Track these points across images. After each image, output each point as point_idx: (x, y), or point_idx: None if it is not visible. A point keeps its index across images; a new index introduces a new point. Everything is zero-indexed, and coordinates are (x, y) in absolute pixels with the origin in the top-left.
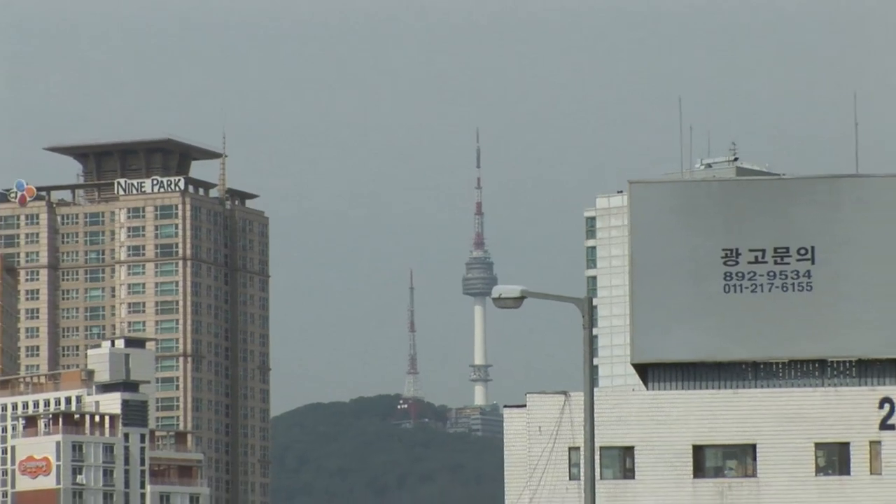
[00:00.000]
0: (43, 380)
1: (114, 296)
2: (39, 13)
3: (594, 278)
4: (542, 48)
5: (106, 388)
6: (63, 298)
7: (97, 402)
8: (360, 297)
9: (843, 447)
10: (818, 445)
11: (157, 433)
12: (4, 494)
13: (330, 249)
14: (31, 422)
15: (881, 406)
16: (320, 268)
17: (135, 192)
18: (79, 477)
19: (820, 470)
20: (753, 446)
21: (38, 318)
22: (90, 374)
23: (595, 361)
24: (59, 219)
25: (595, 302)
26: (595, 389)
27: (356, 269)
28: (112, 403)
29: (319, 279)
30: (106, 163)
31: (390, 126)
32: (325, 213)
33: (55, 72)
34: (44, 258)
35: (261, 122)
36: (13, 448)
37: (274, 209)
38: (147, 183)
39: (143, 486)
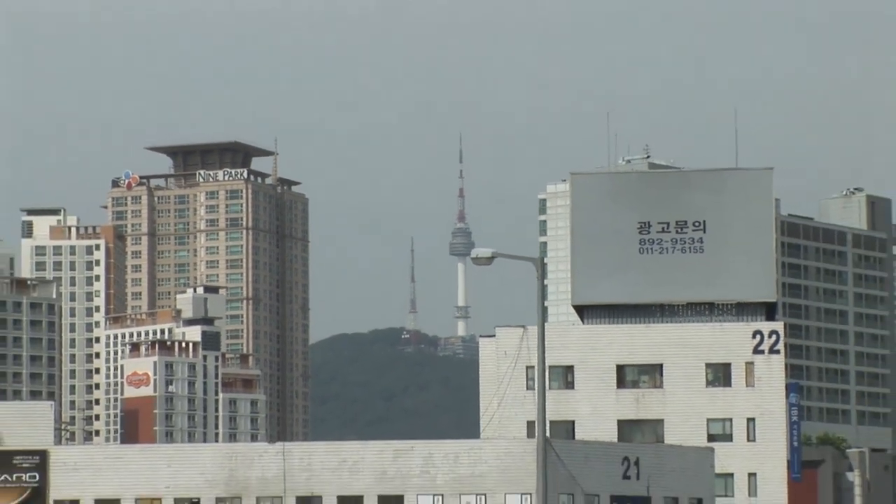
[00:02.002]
0: (144, 316)
1: (196, 255)
2: (144, 38)
3: (545, 243)
4: (513, 74)
5: (190, 322)
6: (158, 257)
7: (183, 333)
8: (375, 256)
9: (726, 366)
10: (708, 365)
11: (227, 355)
12: (116, 400)
13: (354, 222)
14: (135, 347)
15: (754, 336)
16: (347, 235)
17: (211, 180)
18: (170, 387)
19: (709, 383)
20: (661, 365)
21: (140, 271)
22: (178, 312)
23: (545, 304)
24: (155, 199)
25: (546, 260)
26: (545, 324)
27: (373, 237)
28: (194, 334)
29: (346, 244)
30: (190, 158)
31: (399, 132)
32: (350, 195)
33: (152, 89)
34: (144, 228)
35: (303, 129)
36: (122, 366)
37: (313, 193)
38: (220, 173)
39: (216, 393)
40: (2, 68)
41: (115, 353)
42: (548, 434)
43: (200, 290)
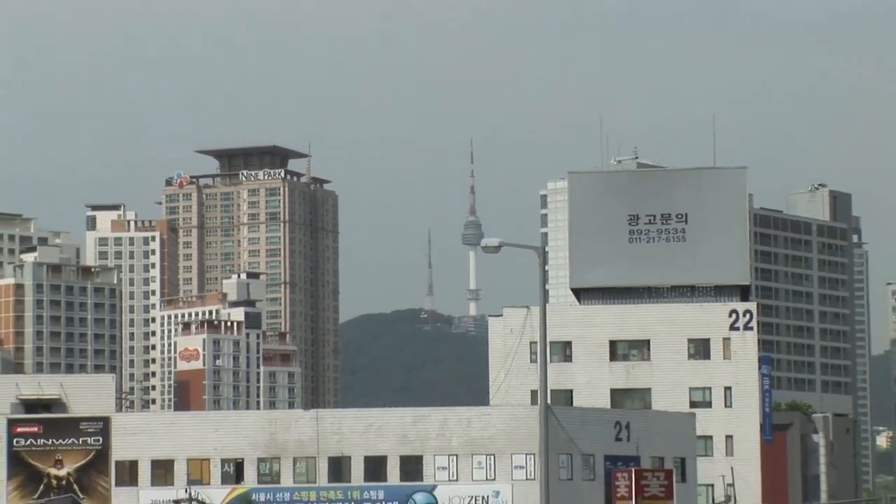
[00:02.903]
0: (194, 300)
1: (239, 245)
2: (191, 54)
3: (546, 233)
4: (517, 84)
5: (234, 304)
6: (207, 247)
7: (229, 314)
8: (397, 246)
9: (706, 341)
10: (690, 340)
11: (267, 333)
12: (170, 372)
13: (378, 216)
14: (186, 326)
15: (730, 315)
16: (372, 228)
17: (252, 179)
18: (217, 361)
19: (691, 356)
20: (648, 341)
21: (190, 260)
22: (224, 295)
23: (546, 287)
24: (204, 196)
25: (546, 249)
26: (546, 305)
27: (395, 229)
28: (238, 314)
29: (371, 235)
30: (234, 160)
31: (418, 137)
32: (375, 192)
33: (201, 99)
34: (195, 221)
35: (334, 134)
36: (175, 343)
37: (342, 190)
38: (261, 173)
39: (258, 367)
40: (68, 85)
41: (169, 331)
42: (549, 401)
43: (244, 276)
